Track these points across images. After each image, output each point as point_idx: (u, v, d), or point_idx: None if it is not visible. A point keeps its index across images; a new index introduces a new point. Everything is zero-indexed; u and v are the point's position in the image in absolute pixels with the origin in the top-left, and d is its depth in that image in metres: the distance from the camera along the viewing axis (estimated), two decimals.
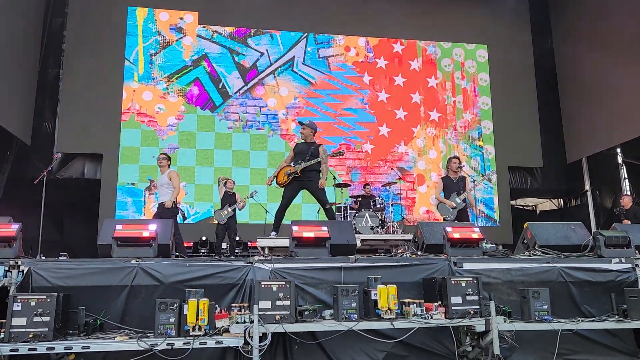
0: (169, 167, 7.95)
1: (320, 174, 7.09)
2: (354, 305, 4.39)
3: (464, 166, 7.87)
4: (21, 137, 11.41)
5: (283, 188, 7.25)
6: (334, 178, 11.77)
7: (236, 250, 10.22)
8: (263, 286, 4.34)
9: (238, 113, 12.92)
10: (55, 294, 3.93)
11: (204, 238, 11.33)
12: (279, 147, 12.90)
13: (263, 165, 12.79)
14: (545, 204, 15.17)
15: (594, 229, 12.27)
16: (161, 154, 8.10)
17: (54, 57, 12.48)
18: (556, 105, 14.59)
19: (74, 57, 12.34)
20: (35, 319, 3.82)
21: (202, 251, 11.13)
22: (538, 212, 15.18)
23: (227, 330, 4.11)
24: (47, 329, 3.82)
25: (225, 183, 10.08)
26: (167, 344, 3.90)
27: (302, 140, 7.39)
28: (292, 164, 7.17)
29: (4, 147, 11.22)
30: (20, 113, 11.46)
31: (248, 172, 12.69)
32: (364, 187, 11.59)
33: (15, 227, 4.77)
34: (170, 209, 7.54)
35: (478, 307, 4.56)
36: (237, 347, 4.04)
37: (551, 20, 15.10)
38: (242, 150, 12.74)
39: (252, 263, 4.83)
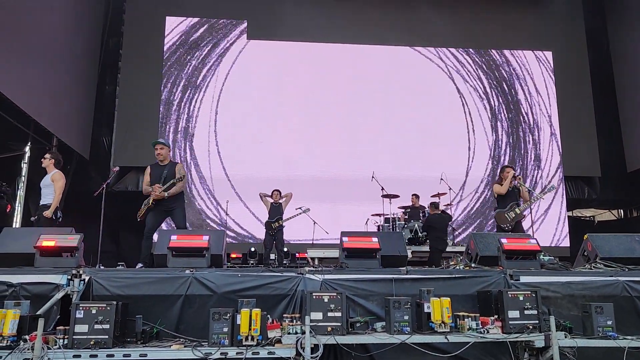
0: (54, 168, 6.95)
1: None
2: (406, 317, 4.31)
3: (517, 174, 7.63)
4: (80, 152, 11.96)
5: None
6: (382, 189, 11.66)
7: (284, 262, 10.27)
8: (314, 297, 4.33)
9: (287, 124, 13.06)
10: (114, 303, 4.05)
11: (252, 249, 11.45)
12: None
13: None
14: (604, 215, 14.51)
15: None
16: (47, 152, 7.13)
17: (110, 74, 13.08)
18: (614, 112, 13.97)
19: (129, 74, 12.88)
20: (96, 326, 3.94)
21: (251, 262, 11.25)
22: (596, 223, 14.53)
23: (279, 341, 4.11)
24: (107, 337, 3.94)
25: (271, 195, 10.12)
26: (221, 353, 3.94)
27: (159, 162, 6.58)
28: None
29: (64, 161, 11.72)
30: (79, 128, 12.03)
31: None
32: (411, 198, 11.41)
33: (77, 237, 4.97)
34: (49, 219, 6.53)
35: (537, 321, 4.38)
36: (289, 357, 4.04)
37: (607, 24, 14.54)
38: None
39: (302, 274, 4.84)
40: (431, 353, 4.44)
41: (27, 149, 10.64)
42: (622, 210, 14.30)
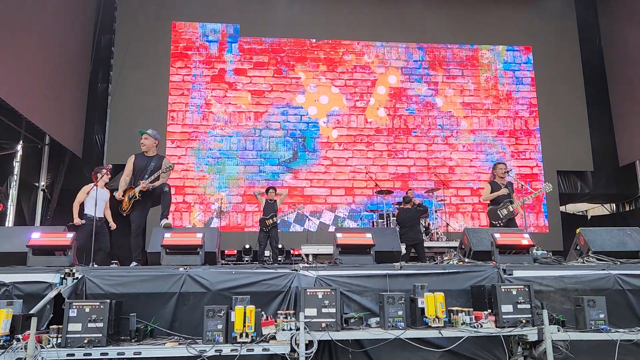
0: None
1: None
2: (400, 313, 4.32)
3: (510, 171, 7.66)
4: (73, 150, 11.89)
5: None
6: (376, 185, 11.69)
7: (279, 258, 10.29)
8: (308, 293, 4.34)
9: (279, 122, 13.04)
10: (108, 301, 4.04)
11: (247, 246, 11.46)
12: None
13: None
14: (597, 209, 14.59)
15: None
16: (106, 167, 7.72)
17: (103, 72, 13.00)
18: (606, 106, 14.04)
19: (121, 72, 12.80)
20: (90, 325, 3.92)
21: (246, 259, 11.26)
22: (589, 217, 14.61)
23: (273, 338, 4.12)
24: (100, 335, 3.92)
25: (266, 192, 10.16)
26: (215, 351, 3.94)
27: (143, 152, 6.46)
28: (133, 184, 6.27)
29: (57, 160, 11.73)
30: (72, 127, 11.96)
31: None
32: (407, 193, 11.45)
33: (70, 236, 4.96)
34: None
35: (530, 315, 4.41)
36: (284, 354, 4.04)
37: (599, 19, 14.60)
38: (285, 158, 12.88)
39: (297, 270, 4.84)
40: (425, 348, 4.46)
41: (19, 147, 10.58)
42: (614, 205, 14.38)
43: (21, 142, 10.54)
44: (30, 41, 9.76)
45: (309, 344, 4.07)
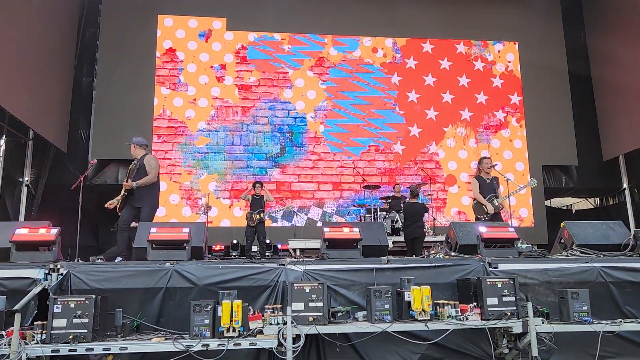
0: None
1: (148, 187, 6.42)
2: (387, 306, 4.35)
3: (495, 165, 7.72)
4: (58, 145, 11.74)
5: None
6: (363, 180, 11.71)
7: (267, 253, 10.28)
8: (296, 288, 4.34)
9: (267, 117, 12.99)
10: (93, 296, 4.01)
11: (235, 241, 11.42)
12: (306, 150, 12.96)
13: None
14: (581, 203, 14.77)
15: (633, 228, 11.89)
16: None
17: (87, 66, 12.82)
18: (591, 102, 14.18)
19: (106, 66, 12.64)
20: (75, 320, 3.90)
21: (234, 254, 11.22)
22: (574, 211, 14.80)
23: (260, 332, 4.12)
24: (86, 331, 3.90)
25: (253, 187, 10.15)
26: (202, 345, 3.94)
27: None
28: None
29: (41, 155, 11.58)
30: (56, 121, 11.80)
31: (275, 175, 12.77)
32: (394, 188, 11.51)
33: (55, 231, 4.91)
34: None
35: (515, 308, 4.47)
36: (271, 348, 4.05)
37: (584, 15, 14.73)
38: (271, 153, 12.83)
39: (284, 265, 4.85)
40: (412, 341, 4.50)
41: (3, 142, 10.42)
42: (598, 199, 14.57)
43: (4, 136, 10.38)
44: (13, 34, 9.60)
45: (296, 338, 4.08)
